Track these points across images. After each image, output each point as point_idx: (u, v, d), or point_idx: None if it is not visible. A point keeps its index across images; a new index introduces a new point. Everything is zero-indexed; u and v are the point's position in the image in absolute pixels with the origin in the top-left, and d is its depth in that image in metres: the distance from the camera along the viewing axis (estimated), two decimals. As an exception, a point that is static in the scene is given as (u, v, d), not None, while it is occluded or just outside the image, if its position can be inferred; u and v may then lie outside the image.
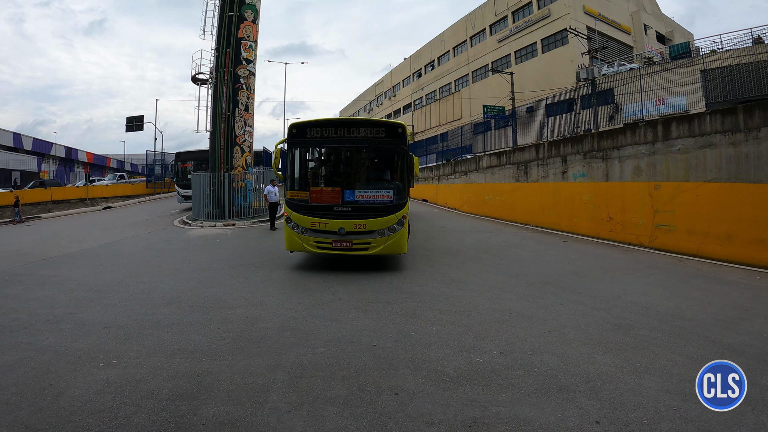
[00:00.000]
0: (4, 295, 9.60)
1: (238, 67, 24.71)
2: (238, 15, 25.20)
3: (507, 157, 24.54)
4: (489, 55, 57.84)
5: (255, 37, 25.88)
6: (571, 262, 11.51)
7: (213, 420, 4.33)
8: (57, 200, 38.23)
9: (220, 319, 7.32)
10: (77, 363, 5.79)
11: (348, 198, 10.49)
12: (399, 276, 10.05)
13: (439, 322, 6.96)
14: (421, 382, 4.98)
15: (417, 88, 75.71)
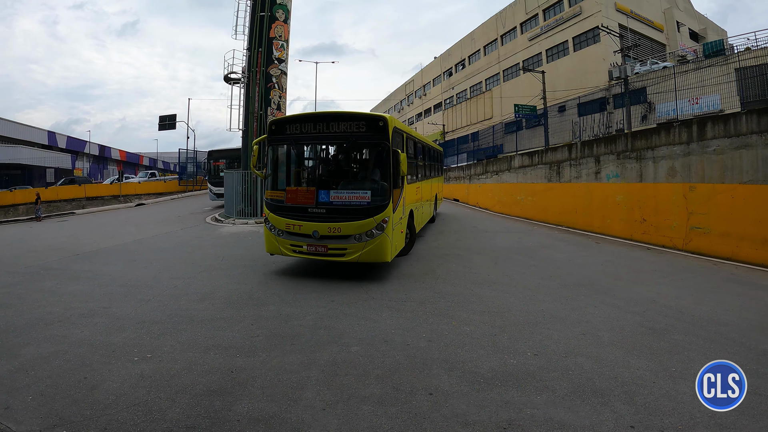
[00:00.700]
0: (39, 289, 9.75)
1: (270, 66, 24.80)
2: (269, 15, 25.29)
3: (539, 156, 24.33)
4: (520, 53, 57.11)
5: (286, 36, 25.96)
6: (605, 264, 11.28)
7: (247, 416, 4.31)
8: (91, 197, 38.90)
9: (254, 316, 7.32)
10: (112, 357, 5.82)
11: (322, 199, 9.80)
12: (431, 276, 9.94)
13: (472, 322, 6.87)
14: (455, 382, 4.92)
15: (447, 87, 75.25)
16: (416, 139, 14.27)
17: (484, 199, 26.67)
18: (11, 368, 5.63)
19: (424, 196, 15.04)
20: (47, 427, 4.25)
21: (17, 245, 16.93)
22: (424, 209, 15.42)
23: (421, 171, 14.81)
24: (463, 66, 71.04)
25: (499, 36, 61.62)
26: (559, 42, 51.48)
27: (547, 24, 52.82)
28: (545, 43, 53.33)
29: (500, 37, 61.54)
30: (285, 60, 25.70)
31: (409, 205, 11.82)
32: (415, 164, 13.54)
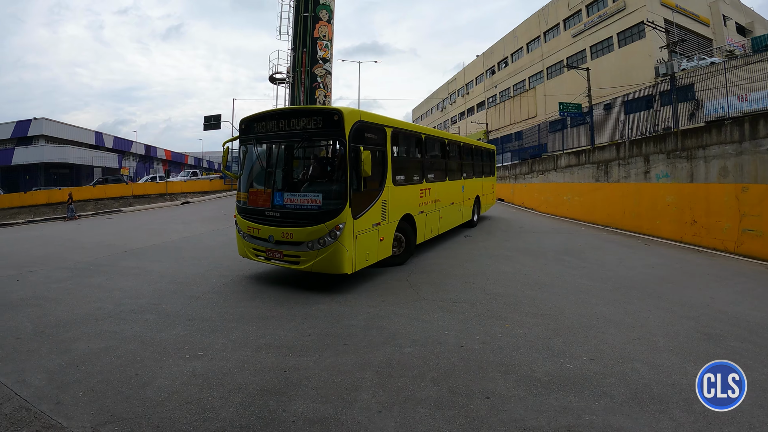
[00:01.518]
0: (89, 285, 9.88)
1: (314, 66, 24.97)
2: (313, 15, 25.47)
3: (586, 156, 23.86)
4: (563, 50, 56.01)
5: (330, 36, 26.13)
6: (656, 266, 10.92)
7: (302, 417, 4.24)
8: (138, 195, 39.73)
9: (304, 314, 7.28)
10: (163, 353, 5.82)
11: (277, 202, 9.26)
12: (481, 276, 9.76)
13: (525, 324, 6.70)
14: (512, 386, 4.79)
15: (490, 86, 74.28)
16: (421, 133, 12.58)
17: (529, 198, 26.30)
18: (62, 363, 5.66)
19: (443, 199, 13.75)
20: (99, 423, 4.23)
21: (66, 242, 17.28)
22: (446, 213, 14.19)
23: (434, 171, 13.42)
24: (506, 64, 70.04)
25: (542, 33, 60.48)
26: (603, 38, 50.23)
27: (591, 20, 51.66)
28: (589, 39, 52.14)
29: (543, 34, 60.42)
30: (329, 60, 25.86)
31: (404, 210, 10.90)
32: (421, 163, 12.40)
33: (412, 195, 11.52)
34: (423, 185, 12.12)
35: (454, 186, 14.94)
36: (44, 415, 4.44)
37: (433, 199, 12.78)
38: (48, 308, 8.24)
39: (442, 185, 13.62)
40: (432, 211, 12.76)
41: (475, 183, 17.63)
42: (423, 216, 12.07)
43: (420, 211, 11.84)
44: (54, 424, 4.26)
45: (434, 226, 13.18)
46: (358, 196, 8.82)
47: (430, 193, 12.56)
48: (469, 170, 17.06)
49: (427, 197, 12.40)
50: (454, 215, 15.20)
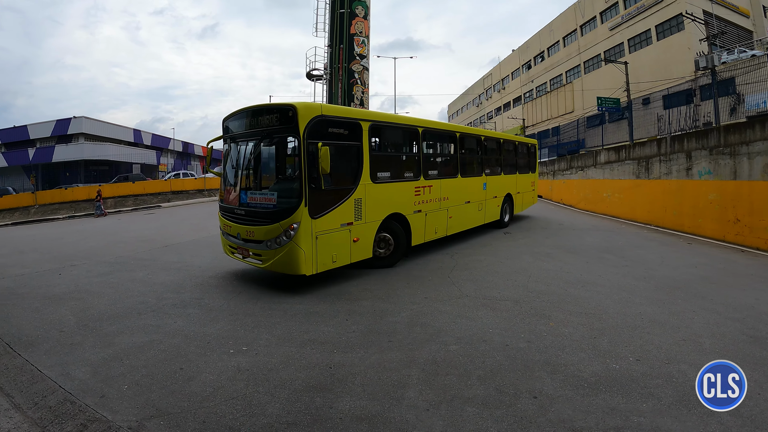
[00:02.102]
0: (131, 279, 10.01)
1: (351, 62, 25.03)
2: (349, 12, 25.51)
3: (626, 152, 23.45)
4: (601, 44, 54.61)
5: (367, 32, 26.14)
6: (698, 266, 10.63)
7: (350, 414, 4.19)
8: (176, 191, 40.35)
9: (347, 311, 7.27)
10: (207, 348, 5.84)
11: (243, 200, 9.36)
12: (523, 274, 9.63)
13: (570, 323, 6.56)
14: (559, 386, 4.68)
15: (527, 81, 73.01)
16: (417, 127, 11.83)
17: (568, 195, 25.93)
18: (106, 356, 5.71)
19: (453, 197, 13.06)
20: (144, 417, 4.24)
21: (107, 237, 17.56)
22: (458, 213, 13.43)
23: (438, 167, 13.01)
24: (542, 58, 68.80)
25: (579, 26, 59.14)
26: (641, 31, 48.89)
27: (628, 12, 50.41)
28: (627, 32, 50.82)
29: (579, 27, 59.08)
30: (366, 56, 25.88)
31: (390, 209, 10.47)
32: (417, 158, 11.67)
33: (402, 193, 11.05)
34: (419, 182, 11.55)
35: (469, 183, 14.22)
36: (89, 408, 4.47)
37: (436, 198, 12.21)
38: (90, 302, 8.36)
39: (450, 182, 12.98)
40: (435, 210, 12.18)
41: (504, 180, 16.83)
42: (420, 216, 11.57)
43: (416, 210, 11.38)
44: (99, 418, 4.28)
45: (440, 226, 12.54)
46: (318, 194, 8.58)
47: (431, 191, 11.98)
48: (494, 166, 16.26)
49: (427, 195, 11.85)
50: (470, 215, 14.39)
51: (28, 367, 5.57)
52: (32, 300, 8.74)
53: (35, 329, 6.95)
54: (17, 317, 7.64)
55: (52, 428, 4.21)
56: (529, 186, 19.66)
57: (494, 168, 16.25)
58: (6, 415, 4.47)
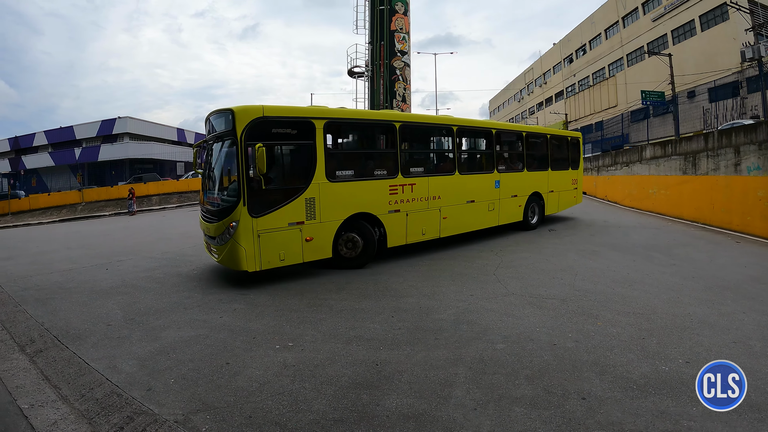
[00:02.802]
0: (177, 274, 10.19)
1: (393, 59, 25.03)
2: (389, 8, 25.52)
3: (672, 147, 22.89)
4: (643, 36, 52.92)
5: (407, 28, 26.11)
6: (748, 266, 10.26)
7: (396, 412, 4.13)
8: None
9: (393, 308, 7.23)
10: (253, 343, 5.86)
11: (205, 198, 10.05)
12: (570, 272, 9.44)
13: (618, 323, 6.39)
14: (607, 387, 4.55)
15: (568, 75, 71.51)
16: (393, 122, 11.31)
17: (613, 191, 25.40)
18: (152, 350, 5.79)
19: (447, 196, 12.26)
20: (191, 411, 4.26)
21: (153, 233, 17.94)
22: (456, 213, 12.56)
23: (425, 163, 12.48)
24: (583, 51, 67.23)
25: (620, 18, 57.40)
26: (684, 22, 47.17)
27: (671, 2, 48.56)
28: (670, 23, 49.10)
29: (621, 19, 57.35)
30: (407, 52, 25.86)
31: (354, 208, 10.26)
32: (393, 155, 11.21)
33: (371, 191, 10.72)
34: (396, 180, 11.07)
35: (473, 181, 13.36)
36: (135, 401, 4.51)
37: (421, 196, 11.61)
38: (137, 296, 8.50)
39: (443, 180, 12.32)
40: (421, 210, 11.62)
41: (529, 177, 15.50)
42: (399, 216, 11.13)
43: (393, 210, 10.98)
44: (145, 411, 4.32)
45: (429, 227, 11.94)
46: (259, 194, 8.80)
47: (413, 190, 11.43)
48: (512, 162, 15.31)
49: (408, 194, 11.31)
50: (476, 215, 13.37)
51: (75, 360, 5.68)
52: (80, 294, 8.93)
53: (83, 323, 7.10)
54: (65, 311, 7.81)
55: (98, 420, 4.26)
56: (567, 183, 17.81)
57: (513, 164, 15.28)
58: (53, 407, 4.54)
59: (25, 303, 8.56)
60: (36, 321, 7.38)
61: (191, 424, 4.05)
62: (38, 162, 59.01)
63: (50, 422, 4.24)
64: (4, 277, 11.20)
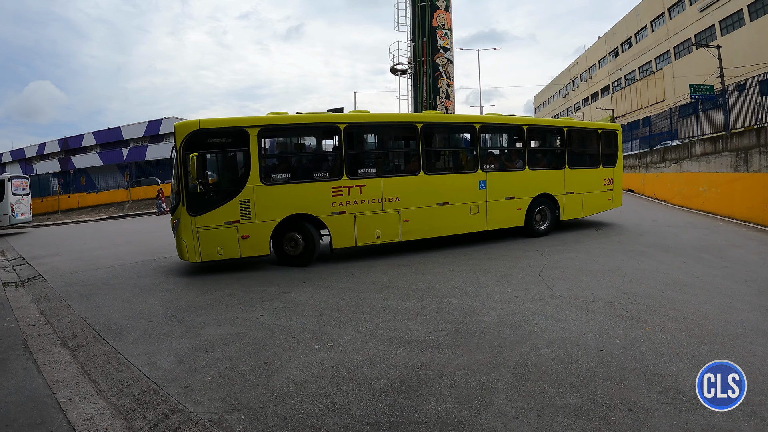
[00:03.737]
0: (219, 271, 10.42)
1: (435, 55, 24.96)
2: (430, 4, 25.40)
3: (723, 143, 22.11)
4: (690, 27, 50.93)
5: (449, 24, 25.96)
6: (804, 270, 9.82)
7: (435, 418, 4.00)
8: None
9: (435, 309, 7.09)
10: (292, 343, 5.84)
11: None
12: (617, 274, 9.14)
13: (667, 329, 6.09)
14: (655, 398, 4.32)
15: (614, 69, 69.43)
16: (337, 123, 11.41)
17: (661, 189, 24.66)
18: (191, 347, 5.82)
19: (408, 198, 11.78)
20: (226, 410, 4.24)
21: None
22: (422, 216, 11.97)
23: (379, 164, 12.13)
24: (629, 45, 65.21)
25: (666, 9, 55.43)
26: (732, 11, 44.95)
27: (718, -9, 47.22)
28: (717, 13, 46.88)
29: (667, 10, 55.33)
30: (450, 48, 25.73)
31: (292, 210, 10.70)
32: (336, 157, 11.47)
33: (312, 193, 11.02)
34: (340, 182, 11.11)
35: (445, 181, 12.62)
36: (171, 398, 4.52)
37: (373, 198, 11.43)
38: (179, 293, 8.63)
39: (402, 181, 11.95)
40: (373, 212, 11.43)
41: (534, 177, 13.94)
42: (346, 218, 11.17)
43: (337, 212, 11.08)
44: (180, 408, 4.32)
45: (386, 230, 11.68)
46: (196, 196, 10.21)
47: (362, 191, 11.31)
48: (510, 160, 14.19)
49: (355, 196, 11.25)
50: (452, 218, 12.52)
51: (115, 355, 5.76)
52: (123, 290, 9.09)
53: (124, 318, 7.22)
54: (108, 306, 7.96)
55: (134, 416, 4.29)
56: (596, 184, 15.39)
57: (508, 162, 14.09)
58: (90, 401, 4.60)
59: (70, 298, 8.75)
60: (79, 316, 7.54)
61: (225, 424, 4.02)
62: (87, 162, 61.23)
63: (86, 417, 4.29)
64: (51, 272, 11.49)
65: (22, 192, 27.51)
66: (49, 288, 9.93)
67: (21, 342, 6.44)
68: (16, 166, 73.75)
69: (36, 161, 71.84)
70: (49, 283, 10.31)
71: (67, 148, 66.84)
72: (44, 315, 7.90)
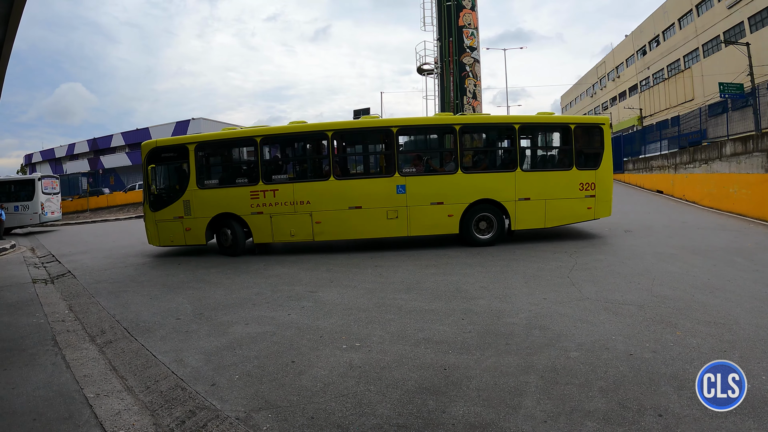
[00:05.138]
0: (247, 270, 10.44)
1: (462, 55, 24.90)
2: (456, 3, 25.31)
3: (753, 143, 21.68)
4: (719, 24, 49.54)
5: (475, 24, 25.79)
6: (838, 274, 9.56)
7: (463, 420, 3.94)
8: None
9: (463, 310, 7.04)
10: (319, 342, 5.84)
11: None
12: (646, 276, 8.95)
13: (698, 334, 5.94)
14: (685, 404, 4.20)
15: (642, 67, 68.26)
16: (254, 136, 13.16)
17: (691, 190, 24.14)
18: (219, 345, 5.86)
19: (318, 201, 12.67)
20: (253, 409, 4.25)
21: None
22: (331, 218, 12.68)
23: (288, 172, 13.65)
24: (657, 43, 63.89)
25: (694, 6, 54.04)
26: (761, 8, 43.33)
27: (746, -13, 46.07)
28: (746, 10, 45.41)
29: (695, 7, 53.95)
30: (476, 48, 25.62)
31: (219, 209, 12.99)
32: (254, 165, 13.39)
33: (234, 196, 13.07)
34: (257, 187, 12.86)
35: (355, 186, 12.97)
36: (198, 395, 4.56)
37: (285, 201, 12.77)
38: (207, 291, 8.69)
39: (312, 186, 12.88)
40: (286, 213, 12.76)
41: (470, 181, 13.02)
42: (263, 218, 12.85)
43: (255, 212, 12.86)
44: (207, 406, 4.35)
45: (299, 230, 12.83)
46: (154, 197, 13.63)
47: (275, 195, 12.79)
48: (439, 163, 13.77)
49: (270, 199, 12.81)
50: (365, 222, 12.81)
51: (143, 352, 5.84)
52: (151, 288, 9.21)
53: (153, 316, 7.33)
54: (136, 304, 8.07)
55: (161, 412, 4.33)
56: (567, 189, 13.21)
57: (436, 165, 13.69)
58: (118, 397, 4.65)
59: (99, 295, 8.89)
60: (108, 313, 7.65)
61: (252, 422, 4.03)
62: (116, 162, 62.48)
63: (114, 412, 4.34)
64: (80, 269, 11.69)
65: (52, 191, 28.18)
66: (78, 285, 10.09)
67: (50, 337, 6.55)
68: (46, 165, 75.38)
69: (65, 161, 73.29)
70: (78, 280, 10.48)
71: (96, 149, 68.07)
72: (73, 311, 8.03)
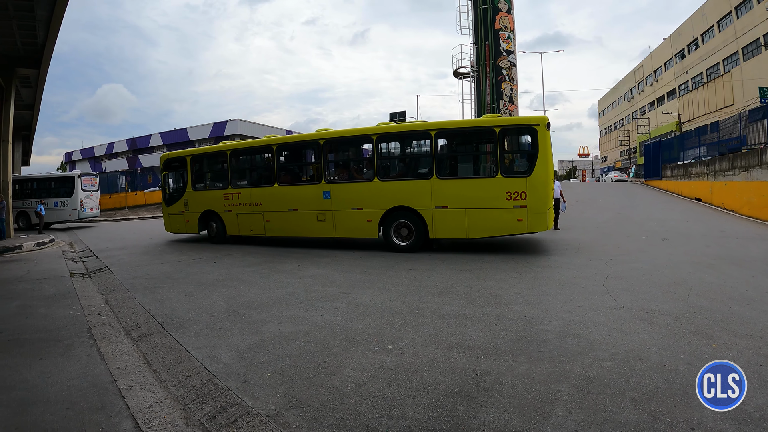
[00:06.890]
0: (281, 270, 10.52)
1: (498, 58, 24.86)
2: (492, 7, 25.31)
3: (794, 150, 21.14)
4: (759, 26, 48.56)
5: (512, 27, 25.75)
6: None
7: (493, 427, 3.90)
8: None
9: (497, 315, 6.99)
10: (351, 343, 5.85)
11: None
12: (683, 286, 8.75)
13: (734, 347, 5.77)
14: (719, 418, 4.06)
15: (681, 71, 67.18)
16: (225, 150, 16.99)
17: (730, 199, 23.49)
18: (252, 343, 5.93)
19: (270, 204, 15.64)
20: (283, 407, 4.27)
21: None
22: (281, 218, 15.44)
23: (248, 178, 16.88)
24: (696, 46, 62.92)
25: (733, 8, 53.12)
26: None
27: (786, -12, 44.70)
28: None
29: (734, 9, 53.03)
30: (513, 51, 25.52)
31: (204, 207, 17.36)
32: (225, 172, 17.14)
33: (213, 197, 17.07)
34: (227, 190, 16.65)
35: (292, 192, 15.26)
36: (230, 391, 4.61)
37: (245, 203, 16.21)
38: (241, 290, 8.80)
39: (262, 191, 15.88)
40: (247, 212, 16.20)
41: (386, 188, 13.34)
42: (232, 215, 16.64)
43: (227, 210, 16.75)
44: (239, 402, 4.40)
45: (256, 226, 16.06)
46: (168, 195, 18.57)
47: (239, 197, 16.34)
48: (360, 171, 14.56)
49: (236, 200, 16.45)
50: (301, 223, 14.91)
51: (177, 347, 5.94)
52: (187, 285, 9.36)
53: (187, 312, 7.45)
54: (171, 300, 8.21)
55: (192, 407, 4.39)
56: (491, 199, 12.37)
57: (357, 174, 14.45)
58: (151, 390, 4.74)
59: (135, 290, 9.08)
60: (143, 308, 7.81)
61: (282, 420, 4.06)
62: (154, 161, 63.19)
63: (146, 404, 4.41)
64: (117, 264, 11.93)
65: (91, 188, 29.00)
66: (114, 279, 10.31)
67: (86, 330, 6.72)
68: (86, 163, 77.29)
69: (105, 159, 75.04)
70: (115, 275, 10.70)
71: (134, 148, 69.51)
72: (109, 305, 8.24)
